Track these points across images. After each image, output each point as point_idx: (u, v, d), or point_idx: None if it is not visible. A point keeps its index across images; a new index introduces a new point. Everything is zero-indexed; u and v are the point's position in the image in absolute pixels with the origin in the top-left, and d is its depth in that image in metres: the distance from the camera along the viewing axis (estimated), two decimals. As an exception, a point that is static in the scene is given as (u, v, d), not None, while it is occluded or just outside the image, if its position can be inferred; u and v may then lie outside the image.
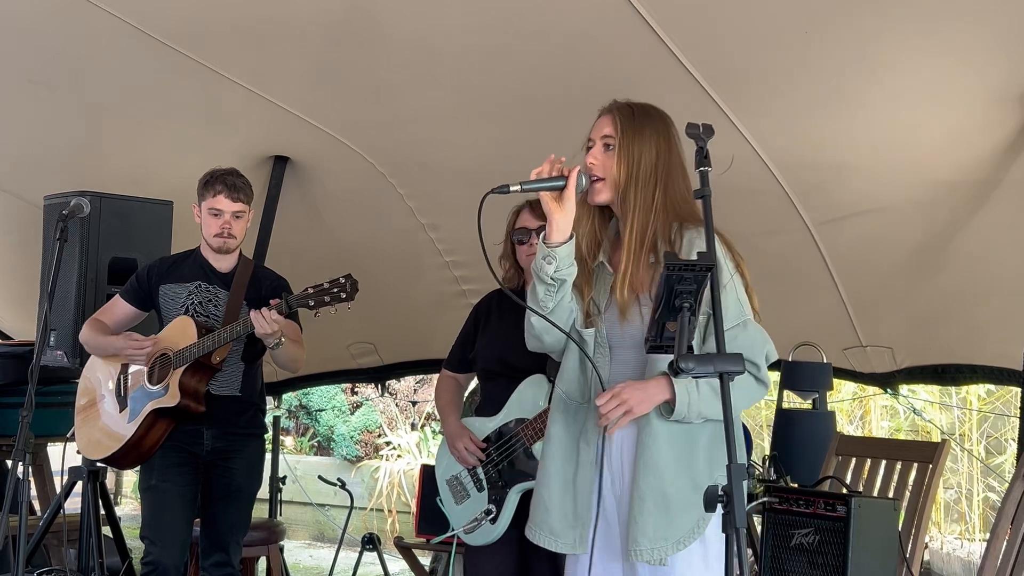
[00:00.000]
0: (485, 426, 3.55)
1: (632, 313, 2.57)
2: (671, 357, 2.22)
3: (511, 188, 2.49)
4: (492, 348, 3.59)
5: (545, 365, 3.44)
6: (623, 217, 2.60)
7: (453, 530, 3.55)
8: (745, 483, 2.08)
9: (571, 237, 2.55)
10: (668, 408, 2.51)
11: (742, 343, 2.51)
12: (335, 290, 3.53)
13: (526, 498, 3.40)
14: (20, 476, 3.11)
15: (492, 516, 3.47)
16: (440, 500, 3.65)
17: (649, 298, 2.50)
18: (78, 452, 4.16)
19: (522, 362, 3.43)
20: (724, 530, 2.04)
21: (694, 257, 2.48)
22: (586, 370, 2.65)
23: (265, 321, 3.59)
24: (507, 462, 3.48)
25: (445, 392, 3.75)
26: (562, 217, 2.53)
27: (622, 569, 2.62)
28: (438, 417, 3.78)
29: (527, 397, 3.49)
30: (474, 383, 4.24)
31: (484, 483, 3.52)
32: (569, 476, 2.64)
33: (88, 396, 4.10)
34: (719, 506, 2.04)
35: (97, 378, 4.09)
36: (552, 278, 2.55)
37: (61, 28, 3.99)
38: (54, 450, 5.89)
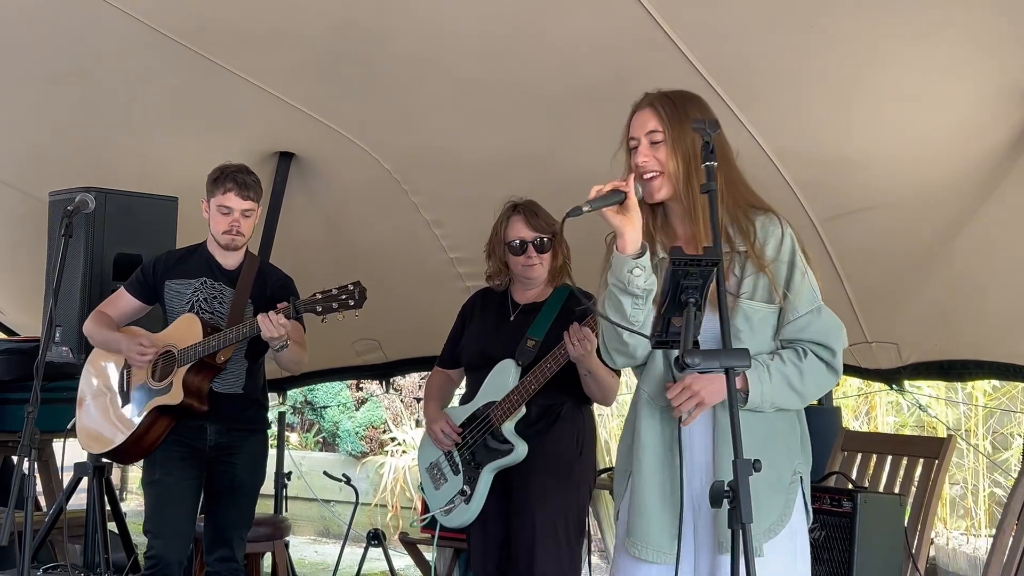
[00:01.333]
0: (462, 412, 3.72)
1: (715, 307, 2.39)
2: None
3: (584, 209, 2.42)
4: (474, 343, 3.78)
5: (515, 351, 3.64)
6: (690, 211, 2.51)
7: (431, 513, 3.73)
8: None
9: (645, 249, 2.46)
10: (742, 398, 2.44)
11: (817, 329, 2.50)
12: (343, 297, 3.54)
13: (499, 476, 3.61)
14: (26, 472, 3.12)
15: (467, 496, 3.62)
16: (421, 487, 3.82)
17: (727, 289, 2.39)
18: (77, 441, 4.16)
19: (499, 354, 3.67)
20: (730, 525, 2.03)
21: (771, 245, 2.50)
22: (670, 371, 2.55)
23: (272, 325, 3.58)
24: (479, 443, 3.64)
25: (433, 386, 3.93)
26: (631, 229, 2.44)
27: (694, 568, 2.50)
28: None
29: (497, 381, 3.65)
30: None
31: (459, 466, 3.68)
32: (667, 485, 2.52)
33: (90, 390, 4.10)
34: (725, 501, 2.03)
35: (99, 372, 4.09)
36: (643, 289, 2.44)
37: (66, 24, 3.99)
38: (59, 446, 5.90)
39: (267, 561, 5.55)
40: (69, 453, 4.42)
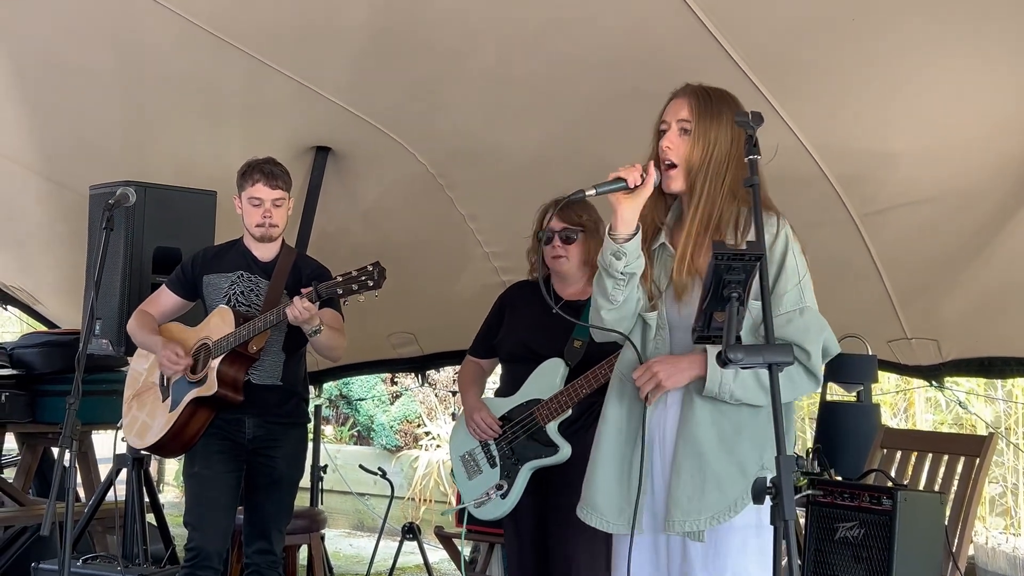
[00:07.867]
0: (502, 405, 3.69)
1: (689, 295, 2.56)
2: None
3: (589, 193, 2.52)
4: (517, 335, 3.74)
5: (564, 351, 3.60)
6: (690, 200, 2.58)
7: (463, 504, 3.71)
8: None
9: (638, 230, 2.55)
10: (699, 384, 2.54)
11: (795, 328, 2.51)
12: (363, 278, 3.57)
13: (537, 475, 3.59)
14: (67, 463, 3.14)
15: (503, 491, 3.60)
16: (452, 474, 3.79)
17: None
18: (123, 440, 4.20)
19: (544, 349, 3.63)
20: (772, 522, 2.02)
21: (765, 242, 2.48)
22: (645, 354, 2.65)
23: (297, 309, 3.61)
24: (520, 440, 3.62)
25: (467, 374, 3.91)
26: (628, 208, 2.53)
27: (667, 545, 2.61)
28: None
29: (543, 379, 3.62)
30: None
31: (497, 459, 3.65)
32: (628, 457, 2.64)
33: (135, 386, 4.15)
34: (768, 498, 2.02)
35: (143, 368, 4.14)
36: (622, 273, 2.54)
37: (106, 18, 4.02)
38: (98, 438, 5.96)
39: (303, 553, 5.58)
40: (109, 445, 4.46)
